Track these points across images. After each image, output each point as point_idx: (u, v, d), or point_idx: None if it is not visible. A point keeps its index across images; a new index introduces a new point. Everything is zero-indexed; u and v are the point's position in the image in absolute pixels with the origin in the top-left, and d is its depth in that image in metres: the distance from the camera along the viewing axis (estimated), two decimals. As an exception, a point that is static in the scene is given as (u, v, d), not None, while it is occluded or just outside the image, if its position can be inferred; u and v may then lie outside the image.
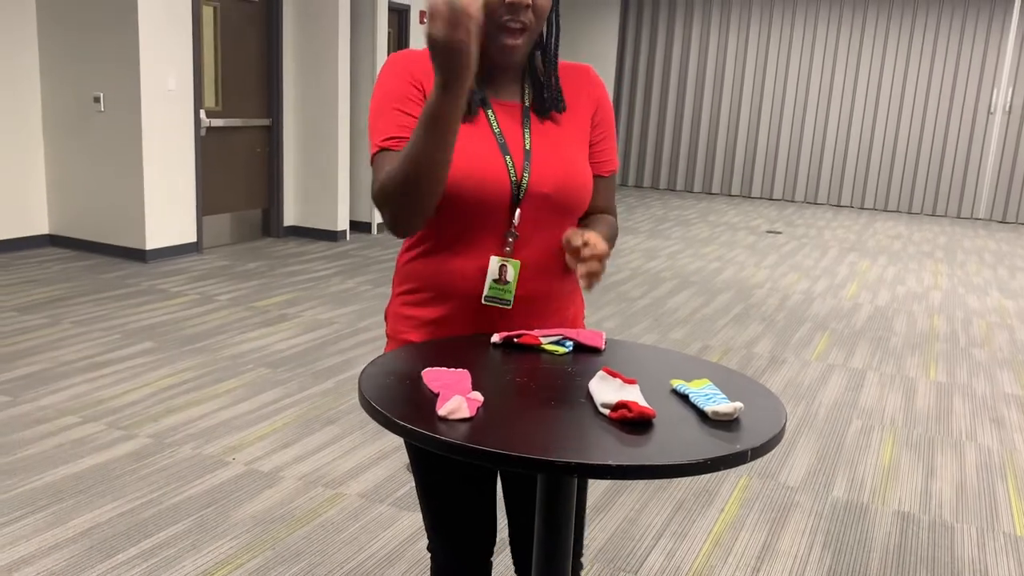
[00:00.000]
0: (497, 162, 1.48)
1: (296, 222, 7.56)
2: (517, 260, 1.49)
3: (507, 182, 1.48)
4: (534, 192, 1.49)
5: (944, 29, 10.92)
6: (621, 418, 1.15)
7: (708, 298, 6.04)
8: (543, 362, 1.39)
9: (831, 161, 11.68)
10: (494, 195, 1.47)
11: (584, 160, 1.56)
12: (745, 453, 1.07)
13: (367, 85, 7.65)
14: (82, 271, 5.82)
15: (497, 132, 1.50)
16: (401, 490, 2.97)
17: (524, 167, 1.49)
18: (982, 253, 8.57)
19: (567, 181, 1.51)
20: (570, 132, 1.56)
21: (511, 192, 1.48)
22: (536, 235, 1.52)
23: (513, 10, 1.42)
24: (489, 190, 1.47)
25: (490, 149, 1.48)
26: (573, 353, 1.46)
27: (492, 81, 1.53)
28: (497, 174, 1.47)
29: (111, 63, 5.99)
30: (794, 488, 3.14)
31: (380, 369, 1.30)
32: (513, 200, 1.48)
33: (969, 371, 4.69)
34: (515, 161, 1.49)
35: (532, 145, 1.51)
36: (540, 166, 1.50)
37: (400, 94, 1.48)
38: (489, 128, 1.50)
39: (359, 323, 4.95)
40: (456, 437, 1.04)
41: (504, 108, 1.53)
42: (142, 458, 3.12)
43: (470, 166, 1.46)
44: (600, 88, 1.63)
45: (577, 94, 1.59)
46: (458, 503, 1.59)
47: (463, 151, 1.46)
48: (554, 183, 1.50)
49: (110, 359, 4.13)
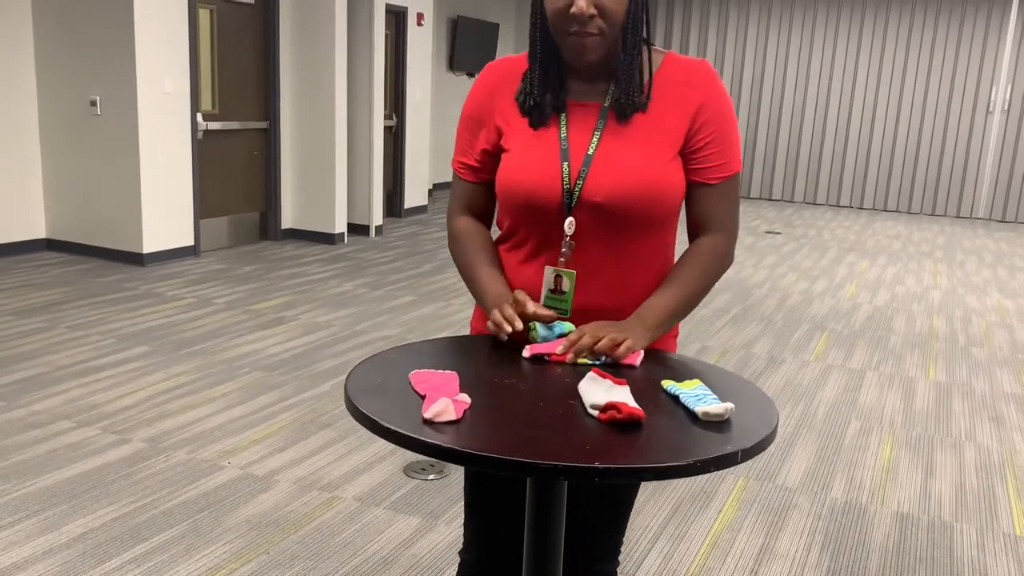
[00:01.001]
0: (552, 169, 1.44)
1: (294, 225, 7.55)
2: (572, 271, 1.45)
3: (559, 189, 1.44)
4: (586, 201, 1.43)
5: (942, 27, 10.91)
6: (610, 419, 1.14)
7: (707, 298, 6.03)
8: (534, 362, 1.37)
9: (830, 161, 11.67)
10: (545, 202, 1.45)
11: (660, 167, 1.44)
12: (735, 454, 1.06)
13: (364, 87, 7.64)
14: (79, 275, 5.81)
15: (563, 137, 1.46)
16: (397, 493, 2.96)
17: (580, 173, 1.43)
18: (981, 253, 8.55)
19: (626, 189, 1.42)
20: (651, 136, 1.44)
21: (562, 200, 1.44)
22: (596, 245, 1.46)
23: (577, 21, 1.37)
24: (540, 197, 1.45)
25: (549, 155, 1.45)
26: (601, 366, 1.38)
27: (576, 78, 1.48)
28: (550, 181, 1.44)
29: (108, 66, 5.98)
30: (792, 489, 3.13)
31: (367, 371, 1.28)
32: (565, 208, 1.45)
33: (968, 371, 4.67)
34: (572, 167, 1.44)
35: (597, 150, 1.44)
36: (598, 173, 1.43)
37: (472, 115, 1.56)
38: (557, 133, 1.47)
39: (356, 326, 4.93)
40: (441, 441, 1.02)
41: (581, 110, 1.48)
42: (136, 462, 3.10)
43: (524, 172, 1.46)
44: (710, 86, 1.47)
45: (675, 93, 1.46)
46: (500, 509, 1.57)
47: (522, 156, 1.47)
48: (608, 191, 1.42)
49: (105, 363, 4.12)
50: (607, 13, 1.38)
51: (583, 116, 1.47)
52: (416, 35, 8.64)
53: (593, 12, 1.37)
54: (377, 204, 7.88)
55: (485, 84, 1.55)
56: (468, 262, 1.56)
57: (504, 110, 1.51)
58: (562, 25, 1.40)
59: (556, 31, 1.42)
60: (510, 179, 1.48)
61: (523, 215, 1.49)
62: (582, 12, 1.36)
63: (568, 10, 1.37)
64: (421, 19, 8.66)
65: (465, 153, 1.58)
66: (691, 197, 1.50)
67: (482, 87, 1.55)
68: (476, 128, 1.55)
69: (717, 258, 1.51)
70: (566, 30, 1.40)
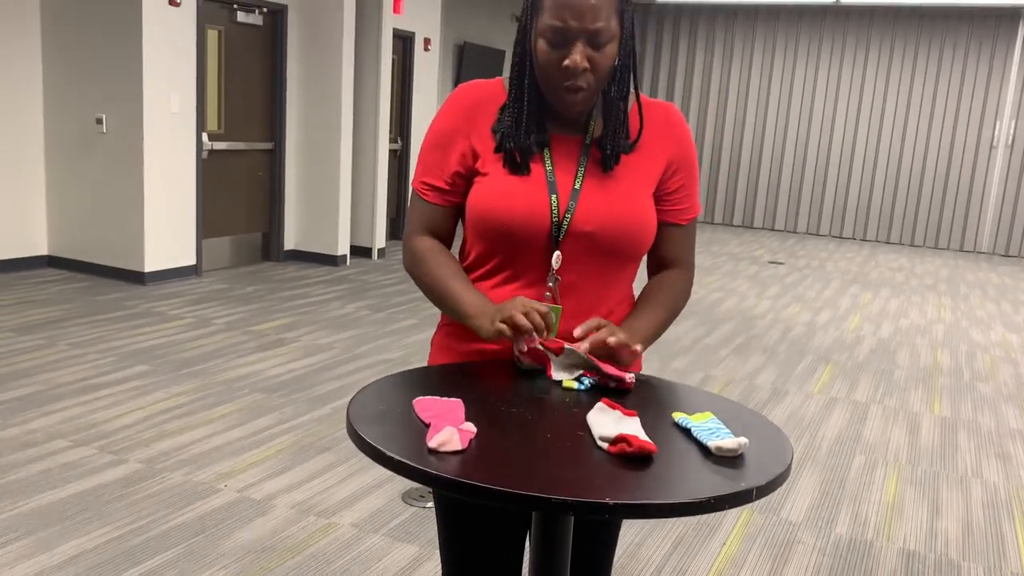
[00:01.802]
0: (541, 201, 1.42)
1: (296, 246, 7.54)
2: (559, 306, 1.43)
3: (547, 221, 1.42)
4: (576, 231, 1.43)
5: (946, 62, 10.96)
6: (620, 452, 1.11)
7: (710, 328, 5.99)
8: (541, 391, 1.34)
9: (833, 192, 11.67)
10: (533, 234, 1.42)
11: (643, 203, 1.47)
12: (750, 492, 1.03)
13: (370, 110, 7.66)
14: (80, 292, 5.79)
15: (549, 170, 1.44)
16: (395, 520, 2.91)
17: (568, 208, 1.42)
18: (985, 287, 8.52)
19: (616, 220, 1.43)
20: (633, 172, 1.47)
21: (550, 232, 1.42)
22: (582, 279, 1.46)
23: (571, 75, 1.37)
24: (528, 229, 1.42)
25: (536, 187, 1.43)
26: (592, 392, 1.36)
27: (559, 113, 1.46)
28: (538, 213, 1.42)
29: (114, 85, 5.99)
30: (796, 524, 3.08)
31: (370, 397, 1.25)
32: (553, 240, 1.43)
33: (974, 405, 4.63)
34: (560, 200, 1.43)
35: (584, 184, 1.44)
36: (587, 204, 1.43)
37: (445, 134, 1.49)
38: (542, 166, 1.45)
39: (357, 348, 4.90)
40: (446, 472, 0.99)
41: (564, 144, 1.47)
42: (132, 483, 3.06)
43: (511, 204, 1.42)
44: (681, 130, 1.52)
45: (652, 135, 1.49)
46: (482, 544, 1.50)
47: (508, 188, 1.43)
48: (599, 221, 1.43)
49: (104, 382, 4.08)
50: (597, 67, 1.37)
51: (566, 149, 1.47)
52: (423, 60, 8.68)
53: (587, 66, 1.36)
54: (380, 226, 7.87)
55: (461, 104, 1.49)
56: (437, 275, 1.48)
57: (483, 134, 1.47)
58: (554, 77, 1.38)
59: (547, 82, 1.40)
60: (491, 206, 1.43)
61: (502, 243, 1.45)
62: (576, 66, 1.35)
63: (561, 63, 1.36)
64: (428, 44, 8.70)
65: (432, 174, 1.50)
66: (661, 236, 1.54)
67: (457, 107, 1.49)
68: (449, 148, 1.48)
69: (685, 291, 1.58)
70: (558, 83, 1.38)
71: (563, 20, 1.33)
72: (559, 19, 1.34)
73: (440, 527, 1.53)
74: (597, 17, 1.33)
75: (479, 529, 1.49)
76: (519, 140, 1.43)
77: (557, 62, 1.36)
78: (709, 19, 12.01)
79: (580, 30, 1.34)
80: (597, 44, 1.36)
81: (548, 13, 1.35)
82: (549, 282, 1.44)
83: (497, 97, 1.48)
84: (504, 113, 1.45)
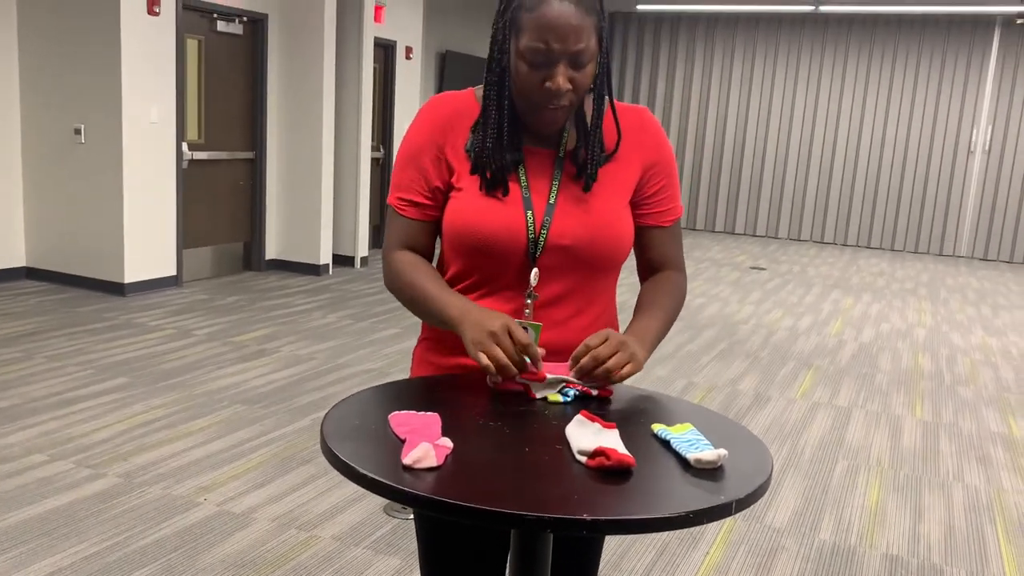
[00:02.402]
0: (516, 218, 1.41)
1: (278, 255, 7.50)
2: (539, 324, 1.41)
3: (524, 238, 1.41)
4: (553, 245, 1.41)
5: (924, 69, 11.06)
6: (599, 466, 1.10)
7: (693, 334, 6.00)
8: (520, 404, 1.33)
9: (814, 198, 11.74)
10: (510, 251, 1.41)
11: (621, 211, 1.46)
12: (729, 505, 1.02)
13: (352, 118, 7.64)
14: (59, 304, 5.72)
15: (524, 186, 1.43)
16: (377, 533, 2.89)
17: (544, 223, 1.41)
18: (965, 291, 8.59)
19: (593, 233, 1.42)
20: (610, 182, 1.46)
21: (527, 249, 1.41)
22: (562, 292, 1.45)
23: (553, 96, 1.36)
24: (505, 246, 1.41)
25: (512, 204, 1.42)
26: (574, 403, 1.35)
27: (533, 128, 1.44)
28: (514, 230, 1.41)
29: (93, 95, 5.94)
30: (780, 530, 3.07)
31: (345, 412, 1.23)
32: (530, 257, 1.42)
33: (955, 410, 4.65)
34: (536, 216, 1.41)
35: (559, 197, 1.43)
36: (562, 218, 1.42)
37: (420, 148, 1.46)
38: (517, 183, 1.43)
39: (339, 359, 4.87)
40: (420, 489, 0.98)
41: (539, 157, 1.45)
42: (110, 498, 3.02)
43: (487, 221, 1.41)
44: (656, 134, 1.51)
45: (626, 140, 1.48)
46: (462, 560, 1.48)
47: (483, 205, 1.41)
48: (576, 235, 1.42)
49: (82, 395, 4.03)
50: (578, 87, 1.37)
51: (540, 163, 1.45)
52: (405, 68, 8.67)
53: (568, 87, 1.35)
54: (363, 235, 7.84)
55: (437, 117, 1.47)
56: (419, 284, 1.44)
57: (457, 148, 1.45)
58: (535, 98, 1.37)
59: (526, 102, 1.39)
60: (467, 223, 1.41)
61: (479, 260, 1.43)
62: (559, 88, 1.34)
63: (543, 84, 1.35)
64: (410, 53, 8.69)
65: (410, 190, 1.47)
66: (646, 240, 1.53)
67: (433, 120, 1.47)
68: (426, 162, 1.46)
69: (683, 292, 1.57)
70: (539, 103, 1.37)
71: (546, 43, 1.32)
72: (542, 41, 1.32)
73: (420, 542, 1.52)
74: (579, 39, 1.32)
75: (459, 545, 1.47)
76: (497, 159, 1.41)
77: (539, 84, 1.35)
78: (690, 27, 12.07)
79: (562, 52, 1.32)
80: (578, 65, 1.35)
81: (529, 35, 1.33)
82: (527, 299, 1.42)
83: (470, 111, 1.47)
84: (477, 132, 1.43)
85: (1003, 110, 10.82)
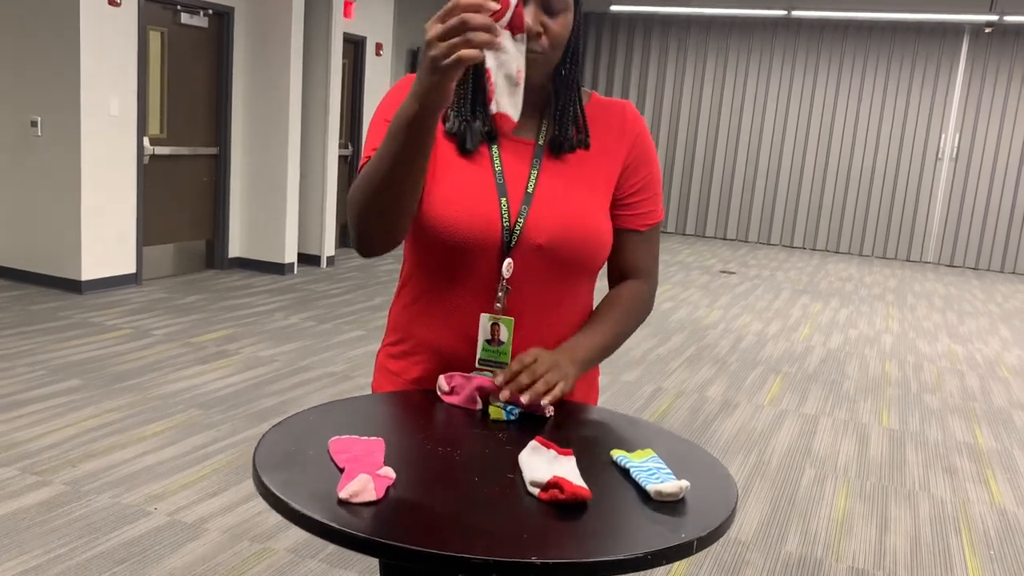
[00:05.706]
0: (490, 204, 1.33)
1: (242, 254, 7.35)
2: (511, 318, 1.33)
3: (498, 227, 1.32)
4: (527, 241, 1.33)
5: (893, 76, 11.14)
6: (552, 499, 1.02)
7: (662, 339, 5.96)
8: (474, 426, 1.25)
9: (784, 202, 11.78)
10: (482, 241, 1.32)
11: (599, 210, 1.39)
12: (691, 544, 0.95)
13: (320, 114, 7.51)
14: (11, 302, 5.55)
15: (498, 171, 1.35)
16: (332, 546, 2.79)
17: (520, 212, 1.33)
18: (931, 297, 8.64)
19: (569, 232, 1.34)
20: (589, 177, 1.39)
21: (502, 239, 1.33)
22: (535, 290, 1.36)
23: None
24: (476, 235, 1.31)
25: (485, 189, 1.33)
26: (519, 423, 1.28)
27: None
28: (487, 217, 1.32)
29: (50, 86, 5.77)
30: (746, 543, 3.03)
31: (283, 436, 1.15)
32: (504, 248, 1.33)
33: (921, 418, 4.64)
34: (511, 204, 1.33)
35: (536, 188, 1.35)
36: (539, 212, 1.34)
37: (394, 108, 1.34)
38: (490, 166, 1.35)
39: (300, 362, 4.76)
40: (354, 528, 0.89)
41: (514, 144, 1.38)
42: (54, 507, 2.90)
43: (458, 206, 1.31)
44: (637, 128, 1.44)
45: (607, 134, 1.41)
46: None
47: (454, 188, 1.32)
48: (551, 233, 1.33)
49: (31, 397, 3.89)
50: (551, 34, 1.31)
51: (515, 151, 1.38)
52: (375, 65, 8.55)
53: (540, 29, 1.29)
54: (330, 234, 7.72)
55: (405, 86, 1.36)
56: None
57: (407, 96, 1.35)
58: None
59: None
60: (440, 214, 1.32)
61: (447, 251, 1.34)
62: (529, 28, 1.27)
63: None
64: (380, 49, 8.57)
65: None
66: (619, 243, 1.45)
67: (403, 88, 1.36)
68: None
69: (644, 304, 1.49)
70: None
71: None
72: None
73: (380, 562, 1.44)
74: None
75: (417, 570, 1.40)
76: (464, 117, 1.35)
77: None
78: (663, 29, 12.06)
79: None
80: (551, 11, 1.30)
81: None
82: (499, 291, 1.34)
83: None
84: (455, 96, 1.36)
85: (971, 118, 10.92)
